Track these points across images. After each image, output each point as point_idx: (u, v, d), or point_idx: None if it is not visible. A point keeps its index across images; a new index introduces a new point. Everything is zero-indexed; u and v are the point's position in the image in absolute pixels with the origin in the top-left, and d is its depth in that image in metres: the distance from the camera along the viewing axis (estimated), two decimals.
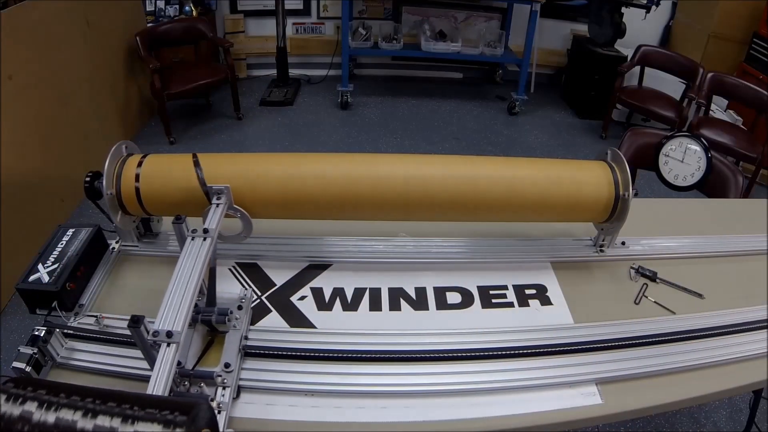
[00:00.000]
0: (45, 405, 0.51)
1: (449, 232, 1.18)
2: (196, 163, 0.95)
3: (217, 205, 0.93)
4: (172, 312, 0.74)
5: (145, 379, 0.82)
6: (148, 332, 0.71)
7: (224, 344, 0.86)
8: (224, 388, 0.80)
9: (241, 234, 1.01)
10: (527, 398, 0.85)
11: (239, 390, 0.83)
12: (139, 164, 0.97)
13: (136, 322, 0.69)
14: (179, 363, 0.76)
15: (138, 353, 0.86)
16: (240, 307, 0.91)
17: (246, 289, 0.96)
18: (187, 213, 1.01)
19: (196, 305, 0.91)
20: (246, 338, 0.89)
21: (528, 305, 1.04)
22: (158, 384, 0.67)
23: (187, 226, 0.87)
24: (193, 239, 0.86)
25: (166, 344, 0.71)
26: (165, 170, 0.98)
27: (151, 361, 0.72)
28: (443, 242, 1.15)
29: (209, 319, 0.87)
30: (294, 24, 4.18)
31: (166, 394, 0.67)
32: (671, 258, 1.18)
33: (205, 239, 0.86)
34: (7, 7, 2.21)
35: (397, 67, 4.49)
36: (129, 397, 0.54)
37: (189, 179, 0.96)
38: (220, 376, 0.81)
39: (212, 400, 0.78)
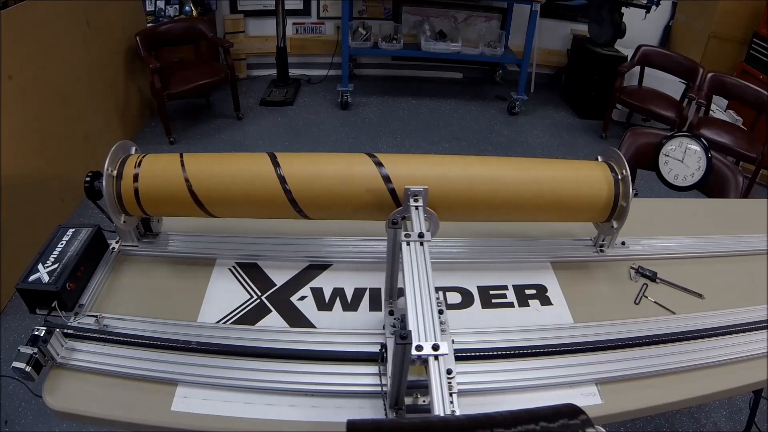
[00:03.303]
0: None
1: (449, 232, 1.17)
2: (379, 163, 0.95)
3: (416, 207, 0.92)
4: (421, 324, 0.71)
5: (149, 380, 0.84)
6: None
7: None
8: (451, 394, 0.77)
9: None
10: (527, 398, 0.85)
11: None
12: (138, 164, 0.97)
13: (404, 338, 0.63)
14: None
15: (137, 353, 0.87)
16: (441, 311, 0.87)
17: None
18: (188, 213, 1.01)
19: (391, 311, 0.91)
20: (453, 341, 0.87)
21: (528, 305, 1.04)
22: (443, 401, 0.65)
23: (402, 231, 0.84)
24: (408, 244, 0.83)
25: (433, 358, 0.68)
26: (163, 170, 0.97)
27: (397, 376, 0.70)
28: (443, 242, 1.15)
29: None
30: (294, 24, 4.18)
31: (449, 411, 0.65)
32: (671, 258, 1.18)
33: (422, 244, 0.84)
34: (7, 7, 2.21)
35: (397, 67, 4.48)
36: (503, 420, 0.53)
37: (194, 178, 0.96)
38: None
39: None
